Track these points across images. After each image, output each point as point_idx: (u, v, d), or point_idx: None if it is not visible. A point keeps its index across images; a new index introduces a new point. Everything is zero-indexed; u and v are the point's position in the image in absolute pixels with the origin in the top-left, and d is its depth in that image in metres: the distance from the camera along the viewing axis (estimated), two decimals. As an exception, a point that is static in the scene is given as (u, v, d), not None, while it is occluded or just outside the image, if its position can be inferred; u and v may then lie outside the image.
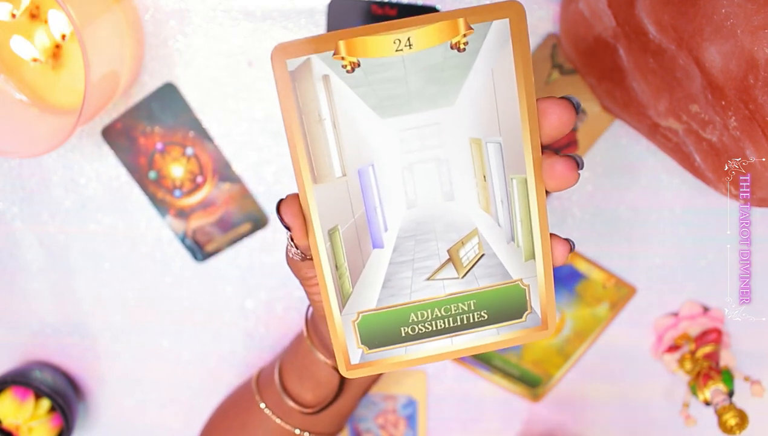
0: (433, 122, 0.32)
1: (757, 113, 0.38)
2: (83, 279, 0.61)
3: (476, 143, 0.32)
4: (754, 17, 0.37)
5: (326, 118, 0.32)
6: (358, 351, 0.34)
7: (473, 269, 0.34)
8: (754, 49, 0.37)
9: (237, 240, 0.59)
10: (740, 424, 0.52)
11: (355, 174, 0.33)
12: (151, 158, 0.57)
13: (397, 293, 0.34)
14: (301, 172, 0.32)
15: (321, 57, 0.30)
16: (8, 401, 0.58)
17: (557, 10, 0.53)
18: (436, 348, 0.34)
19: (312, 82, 0.31)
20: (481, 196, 0.33)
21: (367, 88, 0.31)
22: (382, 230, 0.33)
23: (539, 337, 0.35)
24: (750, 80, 0.38)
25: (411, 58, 0.31)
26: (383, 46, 0.30)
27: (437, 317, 0.34)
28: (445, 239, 0.33)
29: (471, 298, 0.34)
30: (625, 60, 0.47)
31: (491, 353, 0.62)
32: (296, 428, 0.49)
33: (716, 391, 0.54)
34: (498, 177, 0.33)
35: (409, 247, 0.34)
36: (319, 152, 0.32)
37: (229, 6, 0.54)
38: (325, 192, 0.32)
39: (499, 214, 0.33)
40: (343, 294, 0.34)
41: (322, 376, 0.47)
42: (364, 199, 0.33)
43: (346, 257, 0.33)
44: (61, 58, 0.52)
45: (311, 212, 0.32)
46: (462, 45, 0.31)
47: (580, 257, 0.59)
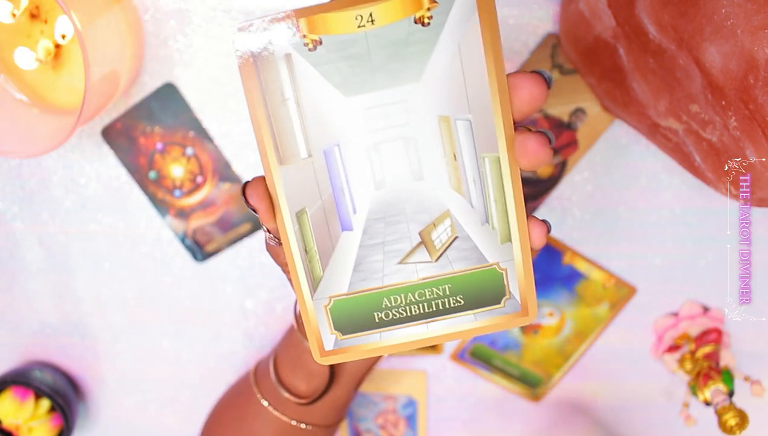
0: (399, 100, 0.31)
1: (757, 113, 0.38)
2: (83, 279, 0.61)
3: (445, 121, 0.32)
4: (754, 17, 0.37)
5: (289, 98, 0.31)
6: (331, 337, 0.34)
7: (447, 252, 0.33)
8: (754, 49, 0.37)
9: (237, 240, 0.59)
10: (740, 424, 0.52)
11: (321, 155, 0.32)
12: (151, 158, 0.57)
13: (368, 277, 0.33)
14: (266, 154, 0.31)
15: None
16: (8, 401, 0.58)
17: (557, 10, 0.53)
18: (412, 334, 0.33)
19: (274, 62, 0.30)
20: (452, 176, 0.32)
21: (330, 65, 0.31)
22: (351, 212, 0.33)
23: (519, 323, 0.33)
24: (750, 80, 0.38)
25: (374, 33, 0.30)
26: (345, 23, 0.30)
27: (411, 302, 0.33)
28: (416, 220, 0.33)
29: (445, 282, 0.33)
30: (625, 60, 0.47)
31: (491, 353, 0.62)
32: (293, 420, 0.49)
33: (716, 391, 0.54)
34: (469, 156, 0.32)
35: (379, 229, 0.33)
36: (283, 133, 0.31)
37: (229, 6, 0.54)
38: (291, 174, 0.32)
39: (472, 195, 0.32)
40: (314, 278, 0.33)
41: (313, 366, 0.47)
42: (330, 181, 0.32)
43: (315, 239, 0.33)
44: (61, 58, 0.52)
45: (278, 194, 0.32)
46: (426, 19, 0.30)
47: (580, 257, 0.59)
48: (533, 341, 0.62)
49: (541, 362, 0.62)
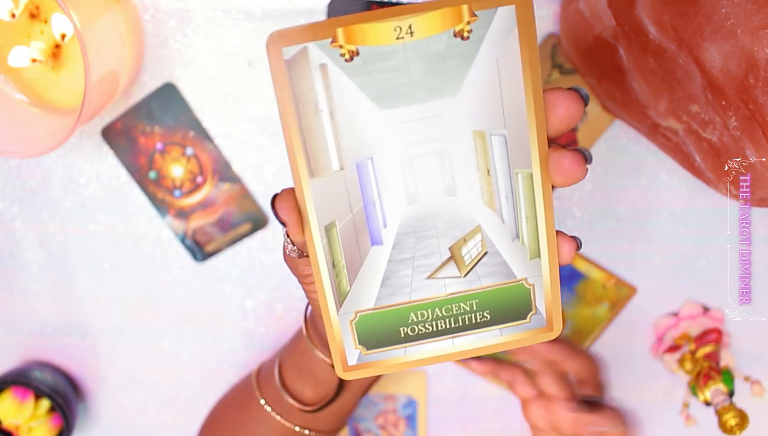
0: (435, 114, 0.31)
1: (757, 113, 0.38)
2: (83, 279, 0.61)
3: (480, 136, 0.31)
4: (754, 17, 0.37)
5: (323, 110, 0.30)
6: (355, 352, 0.33)
7: (476, 267, 0.33)
8: (754, 49, 0.37)
9: (237, 240, 0.59)
10: (740, 424, 0.52)
11: (354, 168, 0.31)
12: (151, 158, 0.57)
13: (396, 291, 0.33)
14: (297, 166, 0.31)
15: (318, 45, 0.29)
16: (8, 401, 0.58)
17: (557, 10, 0.53)
18: (437, 349, 0.33)
19: (309, 72, 0.30)
20: (484, 192, 0.32)
21: (367, 77, 0.30)
22: (381, 226, 0.32)
23: (544, 338, 0.33)
24: (750, 80, 0.38)
25: (412, 46, 0.29)
26: (383, 34, 0.29)
27: (438, 317, 0.33)
28: (447, 235, 0.32)
29: (473, 298, 0.33)
30: (625, 60, 0.47)
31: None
32: (296, 426, 0.48)
33: (716, 391, 0.54)
34: (502, 171, 0.31)
35: (409, 244, 0.32)
36: (315, 145, 0.31)
37: (229, 6, 0.54)
38: (321, 186, 0.31)
39: (504, 211, 0.32)
40: (341, 293, 0.33)
41: (321, 374, 0.47)
42: (362, 194, 0.32)
43: (343, 254, 0.32)
44: (61, 58, 0.52)
45: (307, 207, 0.31)
46: (466, 33, 0.29)
47: (580, 257, 0.59)
48: (533, 341, 0.62)
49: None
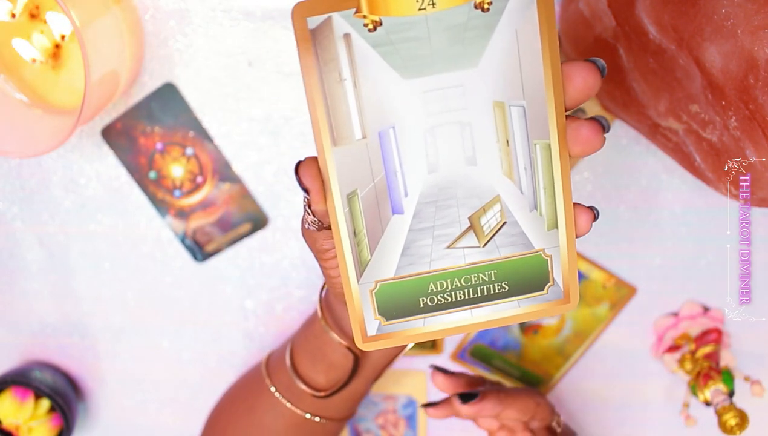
0: (456, 84, 0.31)
1: (757, 113, 0.38)
2: (83, 279, 0.61)
3: (499, 107, 0.31)
4: (754, 17, 0.37)
5: (347, 79, 0.31)
6: (375, 322, 0.33)
7: (494, 237, 0.33)
8: (754, 49, 0.37)
9: (237, 240, 0.59)
10: (740, 424, 0.52)
11: (376, 136, 0.32)
12: (151, 158, 0.57)
13: (416, 261, 0.33)
14: (321, 134, 0.31)
15: (342, 15, 0.30)
16: (8, 401, 0.58)
17: (557, 10, 0.53)
18: (456, 320, 0.33)
19: (333, 41, 0.30)
20: (503, 162, 0.32)
21: (390, 47, 0.30)
22: (403, 195, 0.32)
23: (562, 311, 0.33)
24: (750, 80, 0.38)
25: (434, 17, 0.30)
26: (406, 5, 0.30)
27: (457, 287, 0.33)
28: (467, 205, 0.32)
29: (492, 268, 0.33)
30: (625, 60, 0.47)
31: (491, 353, 0.62)
32: (306, 413, 0.48)
33: (716, 391, 0.54)
34: (521, 142, 0.32)
35: (429, 213, 0.32)
36: (339, 113, 0.31)
37: (229, 6, 0.54)
38: (344, 155, 0.31)
39: (522, 181, 0.32)
40: (361, 262, 0.33)
41: (335, 358, 0.46)
42: (384, 163, 0.32)
43: (364, 222, 0.32)
44: (61, 58, 0.52)
45: (330, 175, 0.31)
46: (486, 4, 0.30)
47: (580, 257, 0.59)
48: (533, 341, 0.62)
49: (541, 362, 0.62)
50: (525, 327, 0.61)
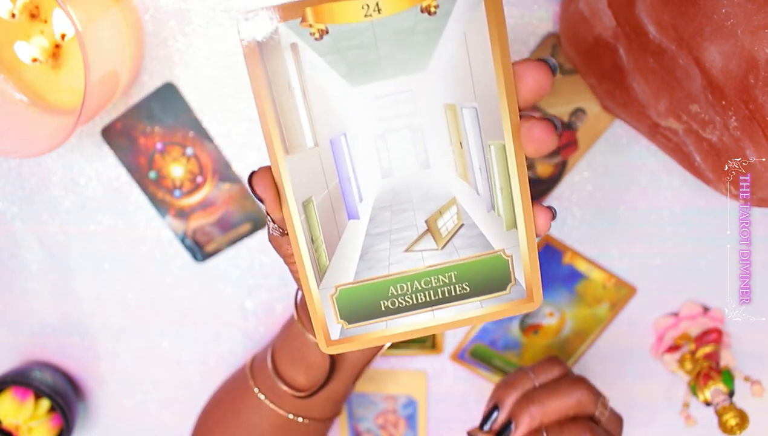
0: (405, 89, 0.31)
1: (757, 113, 0.38)
2: (83, 279, 0.61)
3: (451, 109, 0.32)
4: (754, 17, 0.37)
5: (296, 88, 0.31)
6: (337, 326, 0.34)
7: (453, 239, 0.33)
8: (755, 49, 0.37)
9: (237, 240, 0.59)
10: (740, 424, 0.52)
11: (328, 144, 0.32)
12: (151, 158, 0.57)
13: (374, 265, 0.33)
14: (273, 144, 0.31)
15: (288, 25, 0.30)
16: (8, 401, 0.58)
17: (557, 10, 0.53)
18: (418, 322, 0.33)
19: (280, 51, 0.30)
20: (458, 164, 0.32)
21: (337, 55, 0.30)
22: (357, 200, 0.33)
23: (525, 309, 0.33)
24: (750, 80, 0.38)
25: (380, 23, 0.30)
26: (351, 12, 0.30)
27: (417, 289, 0.33)
28: (423, 208, 0.33)
29: (451, 270, 0.33)
30: (625, 60, 0.47)
31: (491, 353, 0.62)
32: (290, 413, 0.48)
33: (716, 391, 0.54)
34: (475, 143, 0.32)
35: (385, 217, 0.33)
36: (289, 123, 0.31)
37: (229, 6, 0.54)
38: (297, 163, 0.32)
39: (478, 182, 0.32)
40: (320, 268, 0.33)
41: (313, 358, 0.47)
42: (337, 170, 0.32)
43: (321, 229, 0.33)
44: (61, 58, 0.52)
45: (284, 184, 0.32)
46: (432, 8, 0.30)
47: (580, 257, 0.59)
48: (533, 341, 0.62)
49: (541, 362, 0.62)
50: (525, 327, 0.61)
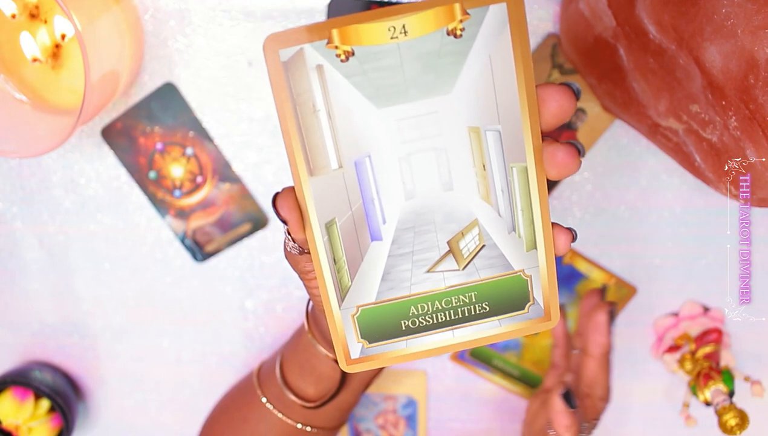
0: (430, 111, 0.31)
1: (757, 113, 0.38)
2: (83, 279, 0.61)
3: (475, 132, 0.32)
4: (754, 17, 0.37)
5: (321, 109, 0.31)
6: (358, 345, 0.34)
7: (474, 260, 0.33)
8: (755, 49, 0.37)
9: (237, 240, 0.59)
10: (740, 424, 0.52)
11: (352, 166, 0.32)
12: (151, 158, 0.57)
13: (396, 285, 0.33)
14: (297, 165, 0.31)
15: (314, 46, 0.30)
16: (8, 401, 0.58)
17: (557, 10, 0.53)
18: (438, 341, 0.34)
19: (306, 73, 0.30)
20: (480, 186, 0.32)
21: (363, 77, 0.30)
22: (381, 222, 0.33)
23: (542, 328, 0.34)
24: (750, 80, 0.38)
25: (406, 45, 0.30)
26: (378, 34, 0.30)
27: (438, 309, 0.33)
28: (445, 230, 0.33)
29: (472, 290, 0.33)
30: (625, 60, 0.47)
31: (491, 353, 0.62)
32: (298, 423, 0.48)
33: (716, 391, 0.54)
34: (498, 166, 0.32)
35: (408, 239, 0.33)
36: (314, 144, 0.31)
37: (229, 6, 0.54)
38: (321, 185, 0.32)
39: (500, 204, 0.33)
40: (342, 288, 0.33)
41: (323, 370, 0.47)
42: (361, 191, 0.32)
43: (344, 250, 0.33)
44: (61, 58, 0.52)
45: (307, 205, 0.32)
46: (458, 31, 0.30)
47: (580, 257, 0.59)
48: (533, 341, 0.62)
49: (541, 362, 0.62)
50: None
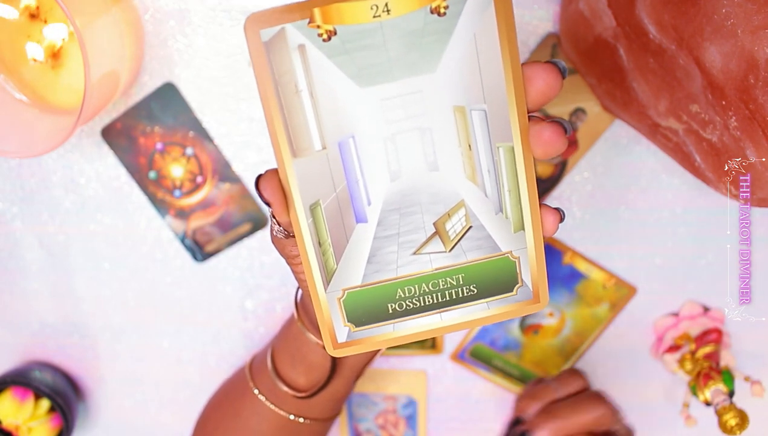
0: (414, 90, 0.31)
1: (757, 113, 0.38)
2: (83, 279, 0.61)
3: (460, 111, 0.31)
4: (754, 17, 0.37)
5: (303, 90, 0.30)
6: (344, 329, 0.33)
7: (461, 241, 0.33)
8: (755, 49, 0.37)
9: (237, 240, 0.59)
10: (740, 424, 0.52)
11: (336, 146, 0.31)
12: (151, 158, 0.57)
13: (382, 268, 0.33)
14: (280, 147, 0.31)
15: (296, 26, 0.29)
16: (8, 401, 0.58)
17: (557, 10, 0.53)
18: (425, 324, 0.33)
19: (287, 53, 0.30)
20: (466, 166, 0.32)
21: (345, 56, 0.30)
22: (365, 203, 0.33)
23: (531, 310, 0.33)
24: (750, 80, 0.38)
25: (389, 24, 0.29)
26: (360, 12, 0.29)
27: (425, 292, 0.33)
28: (431, 211, 0.32)
29: (459, 272, 0.33)
30: (625, 60, 0.47)
31: (491, 353, 0.62)
32: (290, 414, 0.48)
33: (716, 391, 0.54)
34: (484, 146, 0.32)
35: (393, 220, 0.33)
36: (297, 125, 0.31)
37: (229, 6, 0.54)
38: (305, 166, 0.31)
39: (486, 185, 0.32)
40: (327, 271, 0.33)
41: (314, 358, 0.46)
42: (345, 173, 0.32)
43: (329, 232, 0.32)
44: (61, 58, 0.52)
45: (291, 187, 0.31)
46: (442, 9, 0.29)
47: (580, 257, 0.59)
48: (533, 341, 0.62)
49: (541, 362, 0.62)
50: (525, 327, 0.61)
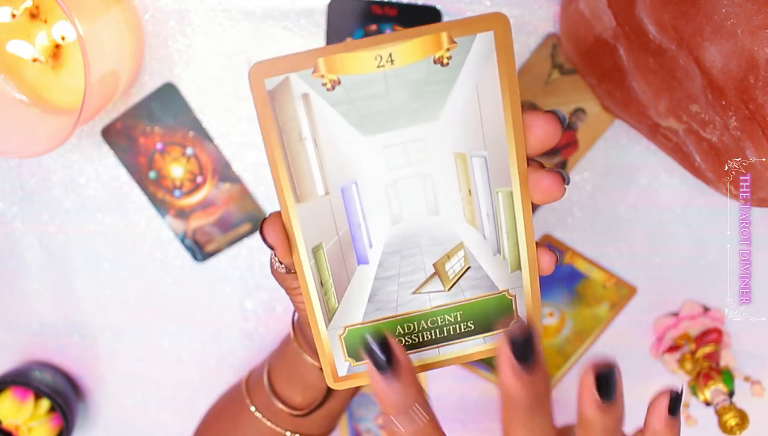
0: (417, 138, 0.32)
1: (757, 113, 0.38)
2: (83, 279, 0.61)
3: (461, 158, 0.32)
4: (754, 17, 0.37)
5: (307, 138, 0.31)
6: (345, 364, 0.34)
7: (459, 281, 0.34)
8: (755, 49, 0.37)
9: (237, 240, 0.59)
10: (740, 424, 0.52)
11: (339, 192, 0.32)
12: (151, 158, 0.57)
13: (383, 306, 0.34)
14: (283, 192, 0.32)
15: (300, 75, 0.30)
16: (8, 401, 0.58)
17: (557, 10, 0.53)
18: (423, 358, 0.35)
19: (291, 101, 0.30)
20: (466, 210, 0.33)
21: (349, 105, 0.31)
22: (367, 246, 0.33)
23: None
24: (750, 80, 0.38)
25: (393, 73, 0.30)
26: (364, 63, 0.30)
27: (424, 328, 0.34)
28: (431, 253, 0.33)
29: (457, 309, 0.34)
30: (625, 60, 0.47)
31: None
32: (286, 430, 0.49)
33: (716, 391, 0.54)
34: (483, 190, 0.32)
35: (394, 262, 0.34)
36: (300, 171, 0.32)
37: (229, 6, 0.54)
38: (308, 210, 0.32)
39: (485, 227, 0.33)
40: (329, 309, 0.34)
41: (310, 378, 0.47)
42: (347, 217, 0.33)
43: (331, 273, 0.33)
44: (61, 58, 0.52)
45: (294, 231, 0.32)
46: (445, 59, 0.30)
47: (580, 257, 0.59)
48: (533, 341, 0.62)
49: (541, 362, 0.62)
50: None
